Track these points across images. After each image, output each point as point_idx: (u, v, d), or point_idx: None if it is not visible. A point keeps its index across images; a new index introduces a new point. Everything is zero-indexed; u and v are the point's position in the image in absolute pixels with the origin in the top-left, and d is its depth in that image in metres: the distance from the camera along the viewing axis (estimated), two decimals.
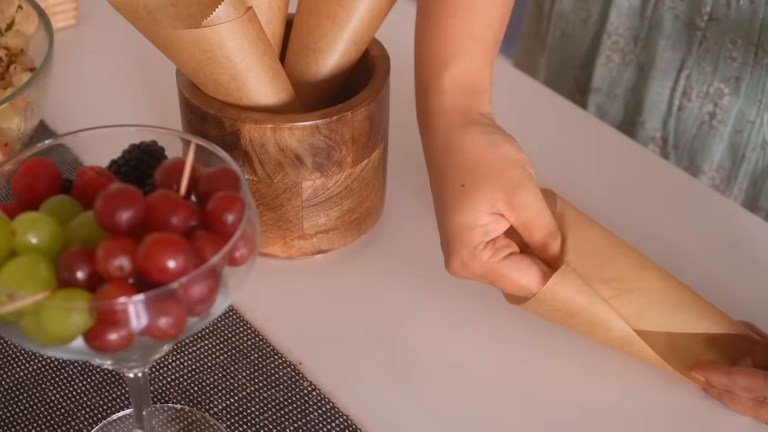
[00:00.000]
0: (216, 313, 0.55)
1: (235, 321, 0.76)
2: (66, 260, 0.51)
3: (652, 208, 0.86)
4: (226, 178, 0.56)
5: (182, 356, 0.73)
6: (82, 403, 0.70)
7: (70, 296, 0.50)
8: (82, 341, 0.51)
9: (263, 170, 0.75)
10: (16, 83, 0.83)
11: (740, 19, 0.89)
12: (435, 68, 0.71)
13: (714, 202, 0.87)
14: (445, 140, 0.70)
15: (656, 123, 1.00)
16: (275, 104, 0.75)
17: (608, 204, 0.85)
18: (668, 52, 0.96)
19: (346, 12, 0.77)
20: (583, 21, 1.04)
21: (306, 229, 0.78)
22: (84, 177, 0.56)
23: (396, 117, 0.84)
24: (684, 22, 0.94)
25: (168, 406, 0.70)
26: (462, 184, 0.68)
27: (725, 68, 0.92)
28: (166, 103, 0.93)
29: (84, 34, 1.06)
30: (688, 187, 0.89)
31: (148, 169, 0.58)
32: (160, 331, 0.51)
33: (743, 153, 0.95)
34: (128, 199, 0.52)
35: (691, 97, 0.96)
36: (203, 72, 0.72)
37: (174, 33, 0.70)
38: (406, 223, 0.84)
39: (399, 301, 0.78)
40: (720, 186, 0.98)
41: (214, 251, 0.52)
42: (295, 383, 0.72)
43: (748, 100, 0.92)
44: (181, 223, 0.52)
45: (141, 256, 0.50)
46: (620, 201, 0.86)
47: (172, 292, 0.51)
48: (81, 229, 0.53)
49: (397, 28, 0.89)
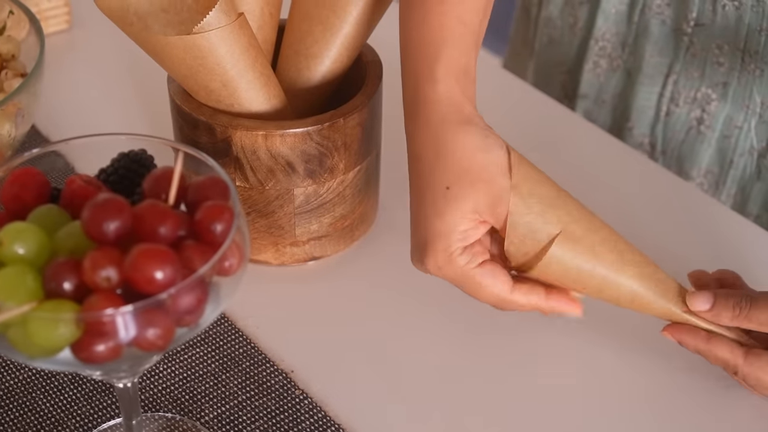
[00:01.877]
0: (205, 323, 0.55)
1: (227, 329, 0.75)
2: (53, 271, 0.51)
3: (640, 209, 0.86)
4: (216, 187, 0.56)
5: (173, 364, 0.73)
6: (72, 412, 0.70)
7: (57, 307, 0.50)
8: (70, 353, 0.51)
9: (255, 177, 0.74)
10: (7, 89, 0.82)
11: (726, 25, 0.89)
12: (426, 55, 0.69)
13: (704, 204, 0.87)
14: (437, 137, 0.68)
15: (644, 129, 1.00)
16: (267, 111, 0.75)
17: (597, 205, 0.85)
18: (655, 58, 0.96)
19: (338, 18, 0.76)
20: (570, 26, 1.04)
21: (298, 236, 0.78)
22: (72, 186, 0.55)
23: (388, 123, 0.83)
24: (671, 28, 0.93)
25: (159, 414, 0.70)
26: (447, 187, 0.66)
27: (712, 73, 0.92)
28: (158, 109, 0.92)
29: (76, 38, 1.06)
30: (677, 189, 0.89)
31: (137, 178, 0.58)
32: (149, 342, 0.51)
33: (731, 158, 0.95)
34: (116, 209, 0.51)
35: (679, 103, 0.96)
36: (194, 78, 0.72)
37: (165, 39, 0.69)
38: (399, 229, 0.84)
39: (392, 309, 0.78)
40: (708, 191, 0.98)
41: (203, 261, 0.52)
42: (287, 391, 0.71)
43: (735, 105, 0.92)
44: (169, 233, 0.52)
45: (128, 266, 0.50)
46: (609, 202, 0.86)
47: (161, 303, 0.50)
48: (68, 239, 0.52)
49: (390, 34, 0.88)
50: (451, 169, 0.66)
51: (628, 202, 0.87)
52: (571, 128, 0.96)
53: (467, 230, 0.66)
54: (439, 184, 0.66)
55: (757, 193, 0.95)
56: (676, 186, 0.89)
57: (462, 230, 0.66)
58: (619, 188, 0.88)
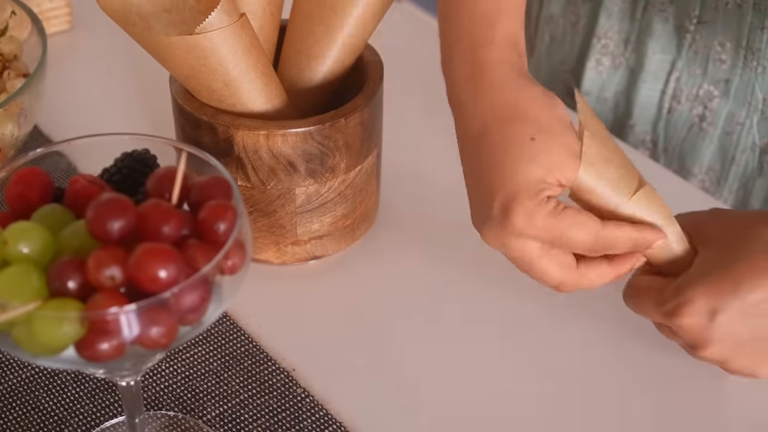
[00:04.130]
0: (208, 321, 0.55)
1: (229, 327, 0.76)
2: (57, 270, 0.51)
3: None
4: (219, 187, 0.56)
5: (175, 363, 0.73)
6: (75, 410, 0.70)
7: (62, 306, 0.50)
8: (74, 351, 0.51)
9: (256, 177, 0.75)
10: (9, 89, 0.83)
11: (728, 22, 0.89)
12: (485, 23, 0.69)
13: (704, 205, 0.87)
14: (509, 93, 0.67)
15: (646, 126, 1.00)
16: (268, 110, 0.75)
17: None
18: (658, 55, 0.96)
19: (339, 18, 0.77)
20: (572, 25, 1.04)
21: (300, 235, 0.78)
22: (76, 186, 0.55)
23: (389, 123, 0.84)
24: (674, 25, 0.94)
25: (161, 413, 0.70)
26: (533, 138, 0.66)
27: (714, 70, 0.93)
28: (160, 109, 0.93)
29: (78, 38, 1.06)
30: (677, 189, 0.89)
31: (140, 178, 0.58)
32: (152, 340, 0.51)
33: (733, 155, 0.95)
34: (120, 208, 0.52)
35: (681, 100, 0.97)
36: (196, 78, 0.72)
37: (167, 40, 0.70)
38: (400, 228, 0.84)
39: (393, 307, 0.78)
40: (710, 188, 0.98)
41: (206, 260, 0.52)
42: (289, 390, 0.72)
43: (737, 102, 0.93)
44: (172, 232, 0.52)
45: (132, 265, 0.50)
46: None
47: (164, 302, 0.51)
48: (72, 238, 0.53)
49: (391, 34, 0.89)
50: (532, 121, 0.66)
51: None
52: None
53: (552, 183, 0.66)
54: (523, 135, 0.66)
55: (759, 190, 0.95)
56: (677, 186, 0.90)
57: (549, 182, 0.66)
58: None
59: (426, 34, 1.08)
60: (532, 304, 0.78)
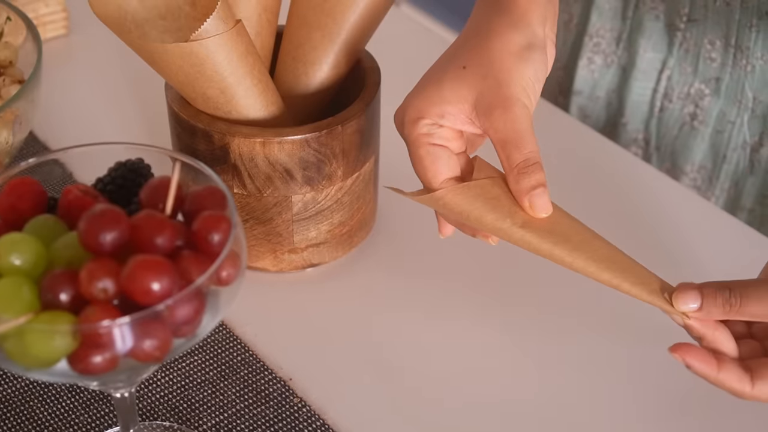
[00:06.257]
0: (203, 333, 0.54)
1: (225, 336, 0.75)
2: (49, 282, 0.50)
3: (632, 210, 0.86)
4: (213, 197, 0.56)
5: (171, 373, 0.73)
6: (69, 420, 0.70)
7: (54, 319, 0.50)
8: (66, 364, 0.51)
9: (253, 184, 0.74)
10: (4, 96, 0.82)
11: (717, 21, 0.89)
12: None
13: (695, 205, 0.87)
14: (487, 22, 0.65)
15: (638, 124, 1.01)
16: (265, 118, 0.75)
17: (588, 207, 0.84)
18: (649, 53, 0.97)
19: (336, 24, 0.76)
20: (564, 23, 1.04)
21: (296, 242, 0.78)
22: (69, 196, 0.55)
23: (387, 129, 0.83)
24: (664, 23, 0.94)
25: (156, 423, 0.70)
26: (464, 66, 0.64)
27: (705, 69, 0.93)
28: (156, 115, 0.92)
29: (74, 44, 1.06)
30: (668, 190, 0.89)
31: (134, 187, 0.58)
32: (145, 353, 0.51)
33: (724, 153, 0.96)
34: (112, 220, 0.51)
35: (672, 98, 0.97)
36: (192, 86, 0.72)
37: (162, 47, 0.69)
38: (398, 236, 0.84)
39: (390, 316, 0.78)
40: (702, 186, 0.99)
41: (200, 272, 0.52)
42: (285, 399, 0.71)
43: (728, 100, 0.93)
44: (166, 243, 0.52)
45: (125, 277, 0.50)
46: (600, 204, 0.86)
47: (157, 315, 0.50)
48: (65, 250, 0.52)
49: (388, 41, 0.88)
50: (481, 52, 0.64)
51: (619, 203, 0.87)
52: (563, 128, 0.96)
53: (452, 114, 0.64)
54: (458, 59, 0.65)
55: (751, 187, 0.96)
56: (667, 187, 0.89)
57: (447, 110, 0.64)
58: (611, 189, 0.88)
59: (424, 39, 1.08)
60: (530, 311, 0.77)
